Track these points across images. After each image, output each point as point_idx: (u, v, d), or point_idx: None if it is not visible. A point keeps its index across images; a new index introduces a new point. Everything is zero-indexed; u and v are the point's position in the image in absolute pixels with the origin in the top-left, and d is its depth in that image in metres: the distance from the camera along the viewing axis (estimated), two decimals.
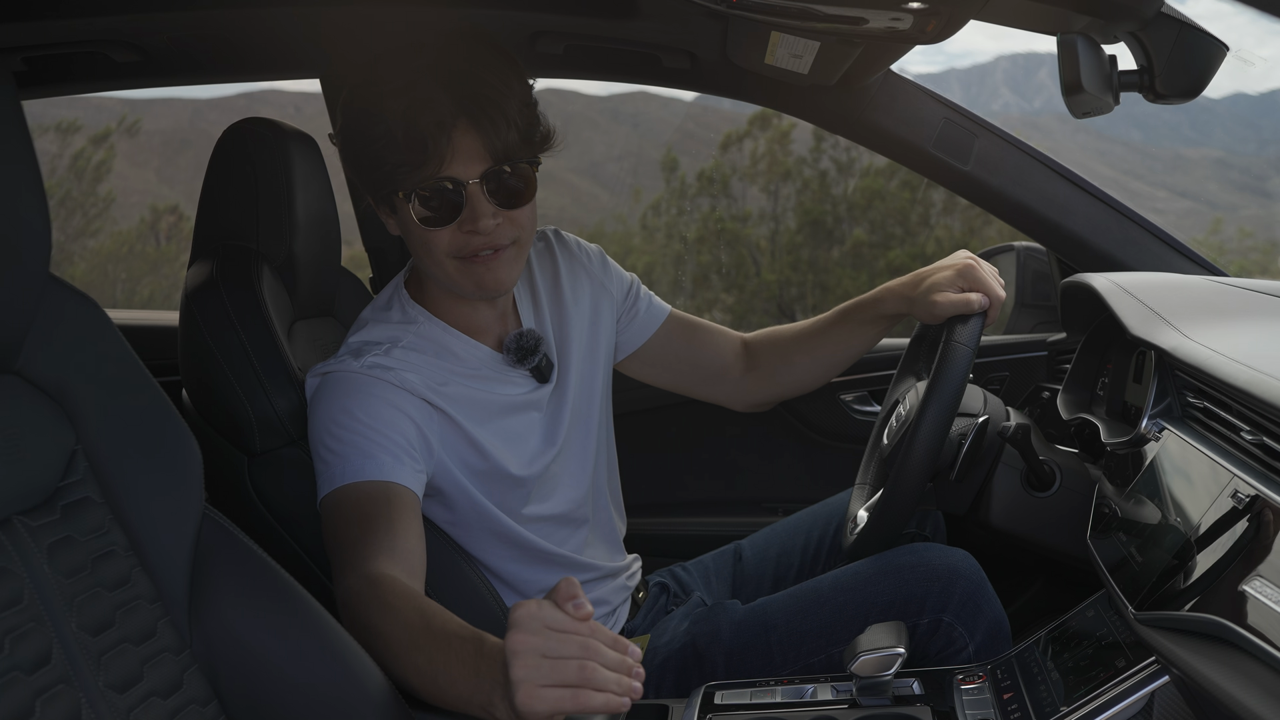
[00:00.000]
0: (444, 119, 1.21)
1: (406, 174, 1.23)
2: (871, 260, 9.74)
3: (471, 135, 1.23)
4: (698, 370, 1.61)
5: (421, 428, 1.27)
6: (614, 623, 1.49)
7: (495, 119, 1.23)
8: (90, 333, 0.94)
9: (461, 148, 1.23)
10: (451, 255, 1.28)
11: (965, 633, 1.34)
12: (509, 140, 1.24)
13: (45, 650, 0.82)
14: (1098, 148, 16.01)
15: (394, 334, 1.34)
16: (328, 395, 1.27)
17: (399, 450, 1.23)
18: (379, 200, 1.30)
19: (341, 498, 1.21)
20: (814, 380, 1.62)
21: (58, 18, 1.61)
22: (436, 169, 1.23)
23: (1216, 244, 11.28)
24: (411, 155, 1.22)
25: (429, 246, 1.27)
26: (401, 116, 1.21)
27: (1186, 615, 0.95)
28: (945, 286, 1.41)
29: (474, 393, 1.33)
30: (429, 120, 1.21)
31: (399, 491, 1.21)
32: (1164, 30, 1.13)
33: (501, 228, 1.27)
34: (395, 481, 1.22)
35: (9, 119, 0.82)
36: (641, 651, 1.42)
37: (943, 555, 1.39)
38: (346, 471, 1.21)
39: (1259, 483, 0.96)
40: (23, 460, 0.85)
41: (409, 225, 1.28)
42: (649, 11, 1.62)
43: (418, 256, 1.33)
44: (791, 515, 1.75)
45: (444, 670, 0.99)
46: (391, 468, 1.22)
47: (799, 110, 1.90)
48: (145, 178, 12.87)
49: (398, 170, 1.23)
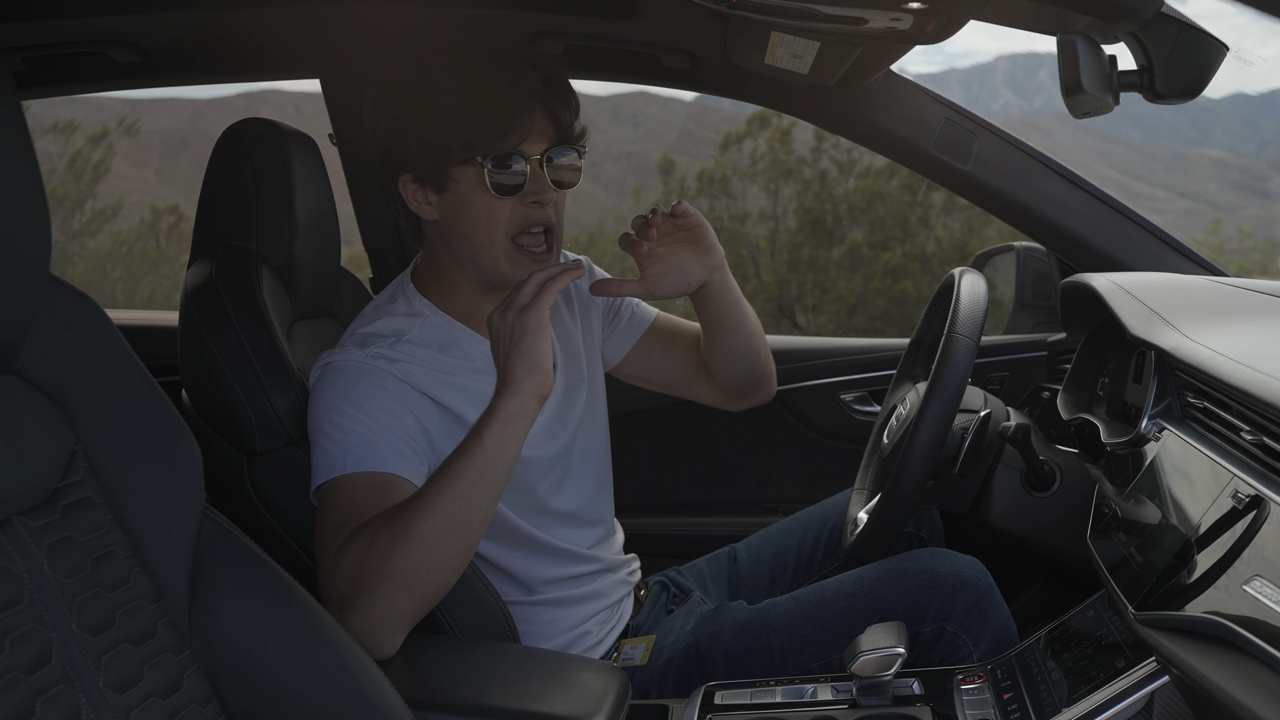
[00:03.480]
0: (535, 93, 1.27)
1: (487, 141, 1.26)
2: (870, 260, 9.73)
3: (545, 114, 1.29)
4: (682, 374, 1.61)
5: (423, 422, 1.27)
6: (618, 617, 1.49)
7: (568, 100, 1.31)
8: (90, 333, 0.94)
9: (537, 125, 1.29)
10: (509, 232, 1.30)
11: (969, 641, 1.34)
12: (571, 123, 1.32)
13: (45, 650, 0.82)
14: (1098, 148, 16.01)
15: (399, 327, 1.34)
16: (331, 383, 1.27)
17: (400, 443, 1.23)
18: (426, 176, 1.30)
19: (337, 486, 1.20)
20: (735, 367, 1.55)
21: (58, 18, 1.61)
22: (517, 141, 1.27)
23: (1216, 244, 11.27)
24: (498, 125, 1.26)
25: (492, 220, 1.29)
26: (489, 88, 1.26)
27: (1186, 615, 0.95)
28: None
29: (478, 385, 1.33)
30: (522, 92, 1.27)
31: (398, 484, 1.21)
32: (1164, 30, 1.13)
33: (556, 207, 1.32)
34: (395, 474, 1.21)
35: (9, 119, 0.82)
36: (648, 650, 1.42)
37: (949, 562, 1.38)
38: (347, 460, 1.21)
39: (1259, 483, 0.96)
40: (23, 460, 0.85)
41: (469, 197, 1.29)
42: (649, 11, 1.62)
43: (469, 234, 1.31)
44: (787, 518, 1.75)
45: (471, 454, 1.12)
46: (392, 460, 1.22)
47: (799, 110, 1.90)
48: (145, 178, 12.86)
49: (478, 138, 1.26)
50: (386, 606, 1.09)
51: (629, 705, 1.16)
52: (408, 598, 1.10)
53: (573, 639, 1.42)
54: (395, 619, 1.11)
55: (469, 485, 1.11)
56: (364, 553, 1.10)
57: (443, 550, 1.10)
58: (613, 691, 1.12)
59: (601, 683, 1.13)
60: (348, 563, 1.11)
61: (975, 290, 1.44)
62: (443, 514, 1.10)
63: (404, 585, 1.09)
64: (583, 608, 1.44)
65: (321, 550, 1.16)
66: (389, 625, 1.11)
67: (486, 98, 1.26)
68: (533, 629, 1.40)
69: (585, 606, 1.44)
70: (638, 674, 1.42)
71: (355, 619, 1.09)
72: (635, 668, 1.42)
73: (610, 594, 1.48)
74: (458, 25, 1.74)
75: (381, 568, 1.09)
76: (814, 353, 2.15)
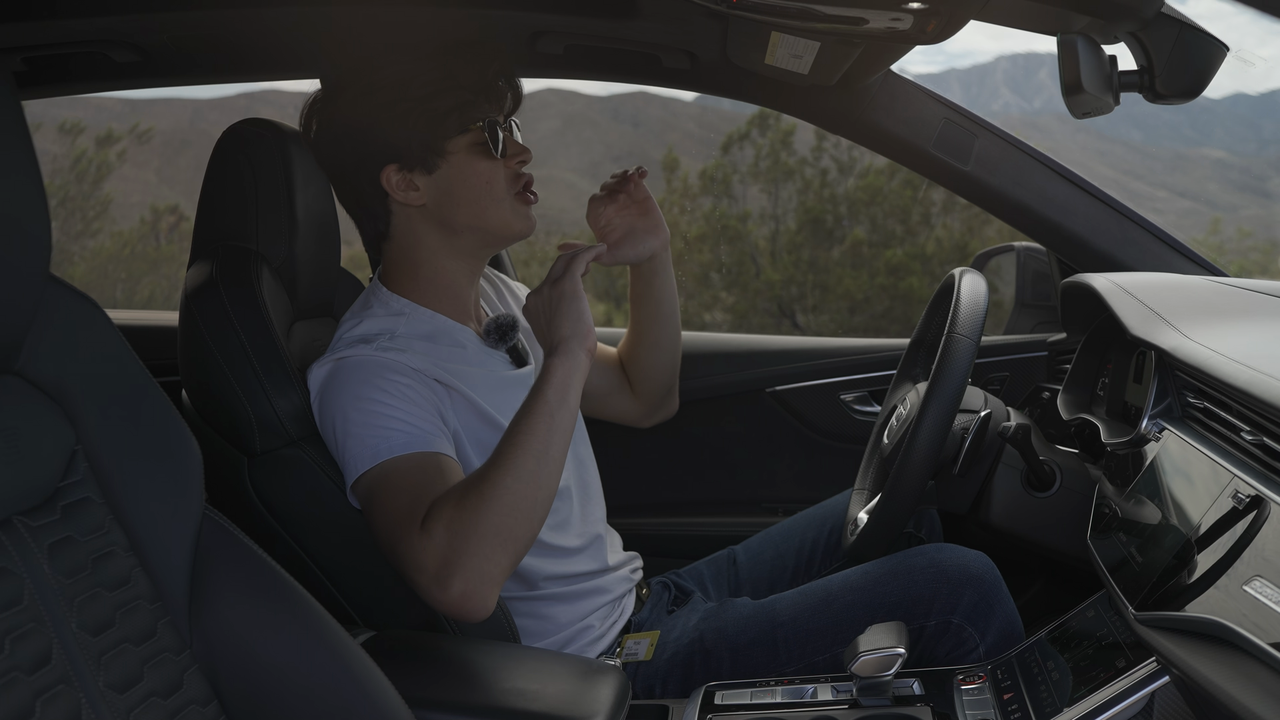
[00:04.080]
0: (507, 66, 1.40)
1: (484, 108, 1.36)
2: (871, 260, 9.73)
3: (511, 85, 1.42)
4: (601, 388, 1.65)
5: (439, 407, 1.30)
6: (620, 612, 1.49)
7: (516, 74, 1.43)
8: (90, 333, 0.94)
9: (509, 94, 1.42)
10: (509, 190, 1.38)
11: (975, 634, 1.34)
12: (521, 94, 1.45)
13: (45, 650, 0.82)
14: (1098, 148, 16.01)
15: (386, 326, 1.36)
16: (347, 377, 1.28)
17: (435, 425, 1.26)
18: (415, 159, 1.35)
19: (391, 471, 1.22)
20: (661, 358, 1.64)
21: (58, 18, 1.61)
22: (500, 109, 1.39)
23: (1216, 244, 11.27)
24: (489, 91, 1.37)
25: (493, 183, 1.37)
26: (470, 63, 1.36)
27: (1186, 615, 0.95)
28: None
29: (472, 370, 1.37)
30: (501, 63, 1.38)
31: (447, 463, 1.24)
32: (1164, 30, 1.13)
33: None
34: (441, 453, 1.24)
35: (9, 119, 0.82)
36: (652, 645, 1.43)
37: (956, 556, 1.39)
38: (392, 445, 1.23)
39: (1259, 483, 0.96)
40: (23, 460, 0.85)
41: (466, 167, 1.35)
42: (649, 11, 1.62)
43: (472, 201, 1.37)
44: (786, 519, 1.75)
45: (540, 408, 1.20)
46: (436, 440, 1.25)
47: (799, 110, 1.90)
48: (145, 178, 12.87)
49: (474, 104, 1.35)
50: (486, 565, 1.13)
51: (629, 705, 1.16)
52: (504, 553, 1.15)
53: (574, 634, 1.42)
54: (495, 575, 1.15)
55: (543, 440, 1.18)
56: (455, 518, 1.14)
57: (529, 503, 1.16)
58: (612, 691, 1.12)
59: (601, 683, 1.13)
60: (440, 530, 1.14)
61: (975, 290, 1.44)
62: (525, 468, 1.16)
63: (500, 541, 1.14)
64: (584, 603, 1.44)
65: (403, 529, 1.17)
66: (491, 582, 1.14)
67: (470, 71, 1.35)
68: (534, 624, 1.40)
69: (586, 602, 1.44)
70: (643, 670, 1.42)
71: (459, 581, 1.12)
72: (639, 663, 1.42)
73: (611, 590, 1.49)
74: (458, 25, 1.74)
75: (477, 527, 1.13)
76: (814, 353, 2.15)
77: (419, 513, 1.17)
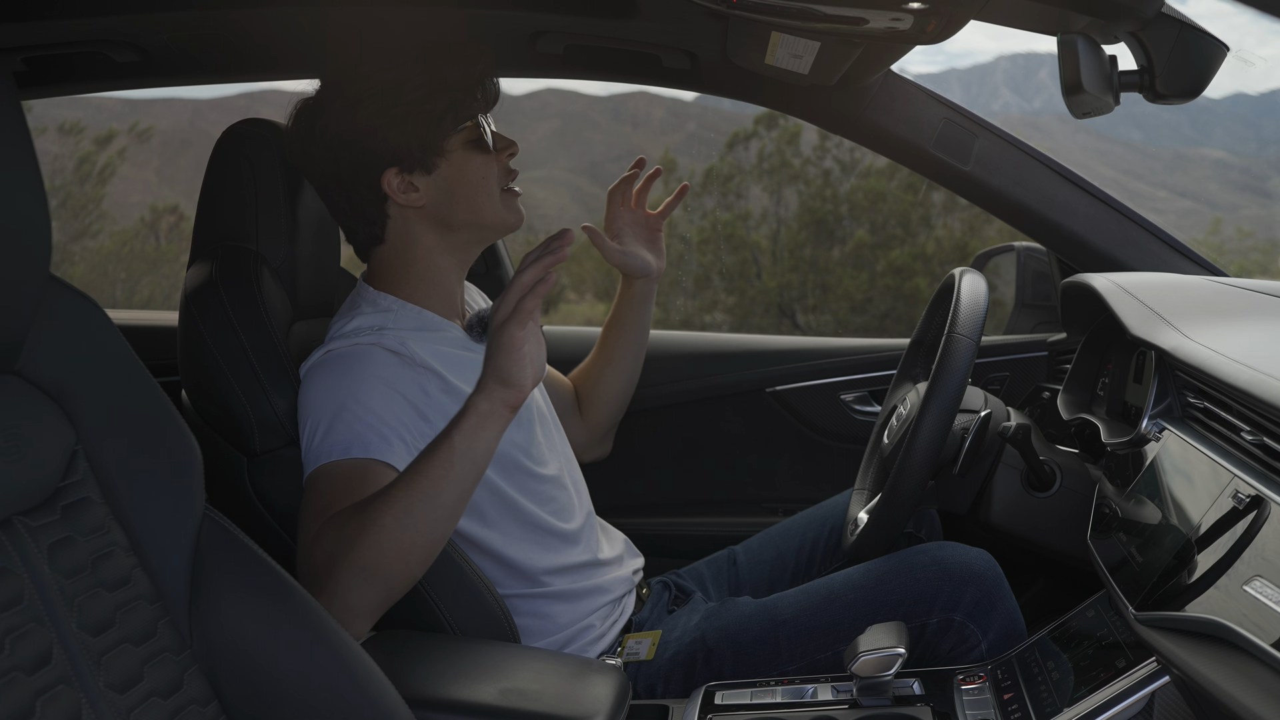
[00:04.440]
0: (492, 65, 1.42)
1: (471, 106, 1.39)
2: (873, 261, 9.73)
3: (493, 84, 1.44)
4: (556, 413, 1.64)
5: (418, 405, 1.30)
6: (620, 612, 1.49)
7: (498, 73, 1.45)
8: (90, 333, 0.94)
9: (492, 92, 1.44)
10: (500, 183, 1.42)
11: (978, 631, 1.34)
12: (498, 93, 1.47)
13: (45, 650, 0.82)
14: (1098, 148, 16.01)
15: (377, 322, 1.37)
16: (322, 373, 1.30)
17: (386, 428, 1.26)
18: (414, 161, 1.37)
19: (321, 474, 1.23)
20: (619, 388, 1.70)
21: (58, 18, 1.61)
22: (486, 106, 1.42)
23: (1216, 244, 11.26)
24: (475, 89, 1.39)
25: (487, 177, 1.40)
26: (457, 63, 1.38)
27: (1187, 615, 0.95)
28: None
29: (460, 362, 1.38)
30: (486, 62, 1.40)
31: (378, 470, 1.23)
32: (1164, 30, 1.13)
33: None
34: (377, 459, 1.24)
35: (9, 119, 0.82)
36: (654, 645, 1.43)
37: (958, 554, 1.39)
38: (332, 448, 1.24)
39: (1259, 483, 0.96)
40: (23, 460, 0.85)
41: (464, 164, 1.39)
42: (649, 11, 1.62)
43: (469, 197, 1.40)
44: (785, 520, 1.75)
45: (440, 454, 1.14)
46: (377, 446, 1.24)
47: (799, 110, 1.90)
48: (145, 178, 12.86)
49: (462, 107, 1.38)
50: (351, 597, 1.12)
51: (629, 705, 1.16)
52: (370, 586, 1.13)
53: (575, 633, 1.42)
54: (361, 608, 1.13)
55: (434, 482, 1.14)
56: (334, 540, 1.13)
57: (405, 544, 1.13)
58: (612, 692, 1.12)
59: (601, 683, 1.13)
60: (320, 552, 1.14)
61: (975, 290, 1.44)
62: (405, 508, 1.13)
63: (368, 576, 1.12)
64: (585, 602, 1.44)
65: (301, 534, 1.20)
66: (356, 614, 1.13)
67: (458, 72, 1.37)
68: (534, 623, 1.40)
69: (587, 601, 1.44)
70: (644, 669, 1.42)
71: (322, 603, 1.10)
72: (640, 663, 1.42)
73: (613, 589, 1.49)
74: (457, 25, 1.74)
75: (346, 556, 1.12)
76: (814, 353, 2.15)
77: (316, 524, 1.17)
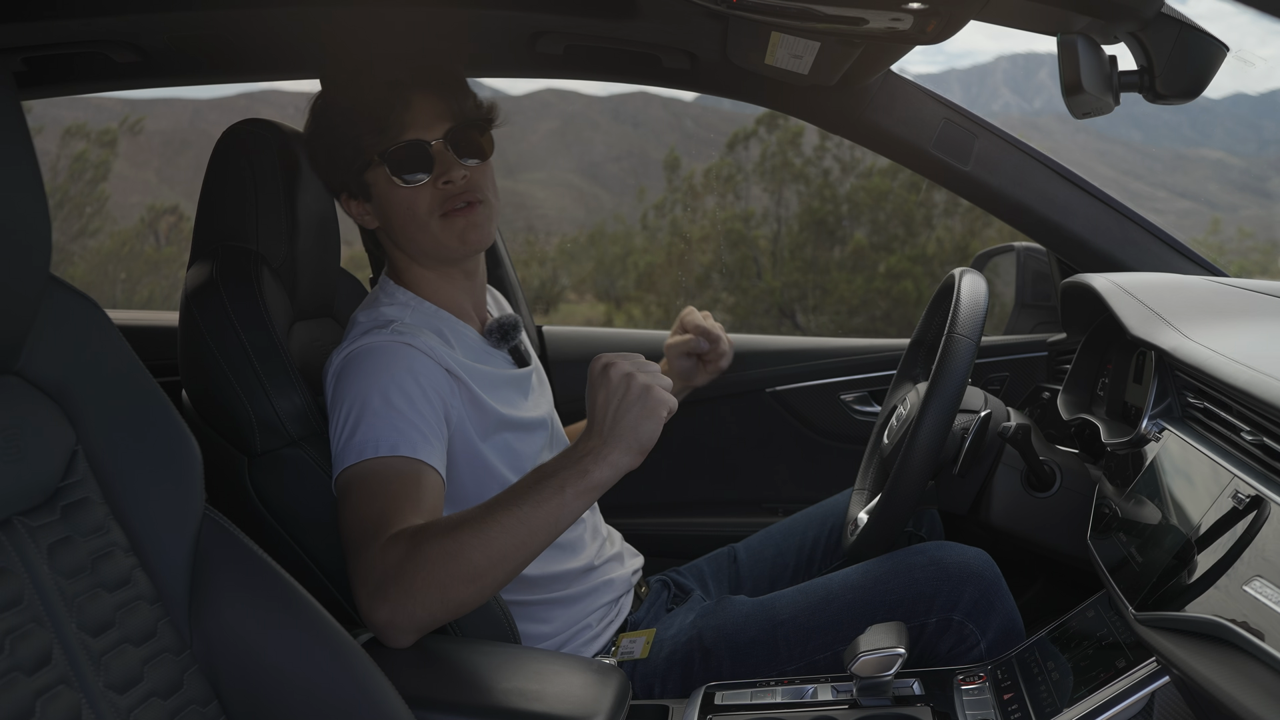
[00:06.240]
0: (398, 82, 1.34)
1: (373, 140, 1.33)
2: (873, 262, 9.72)
3: (432, 99, 1.36)
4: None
5: (446, 400, 1.30)
6: (617, 612, 1.49)
7: (450, 83, 1.38)
8: (90, 333, 0.94)
9: (423, 111, 1.35)
10: (434, 213, 1.36)
11: (976, 630, 1.34)
12: (466, 102, 1.38)
13: (45, 650, 0.82)
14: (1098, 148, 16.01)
15: (395, 315, 1.38)
16: (360, 366, 1.28)
17: (429, 429, 1.25)
18: (353, 189, 1.39)
19: (370, 470, 1.21)
20: None
21: (58, 18, 1.61)
22: (400, 132, 1.33)
23: (1216, 244, 11.27)
24: (376, 121, 1.33)
25: (413, 208, 1.35)
26: (361, 90, 1.34)
27: (1186, 615, 0.95)
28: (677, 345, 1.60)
29: (474, 364, 1.38)
30: (383, 84, 1.33)
31: (429, 477, 1.22)
32: (1164, 30, 1.13)
33: (470, 180, 1.36)
34: (426, 463, 1.23)
35: (9, 119, 0.82)
36: (648, 644, 1.43)
37: (956, 554, 1.39)
38: (380, 444, 1.22)
39: (1259, 483, 0.96)
40: (23, 460, 0.86)
41: (388, 195, 1.36)
42: (649, 11, 1.62)
43: (401, 227, 1.38)
44: (786, 518, 1.75)
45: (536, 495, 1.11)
46: (424, 448, 1.23)
47: (799, 110, 1.90)
48: (145, 178, 12.86)
49: (363, 139, 1.33)
50: (419, 611, 1.11)
51: (629, 705, 1.16)
52: (441, 610, 1.11)
53: (571, 634, 1.43)
54: (423, 622, 1.13)
55: (533, 532, 1.11)
56: (410, 556, 1.10)
57: (489, 580, 1.11)
58: (612, 692, 1.12)
59: (601, 683, 1.13)
60: (394, 560, 1.11)
61: (975, 290, 1.44)
62: (500, 551, 1.10)
63: (442, 600, 1.10)
64: (582, 604, 1.44)
65: (365, 540, 1.15)
66: (416, 627, 1.13)
67: (366, 100, 1.34)
68: (531, 626, 1.40)
69: (585, 603, 1.45)
70: (641, 669, 1.42)
71: (385, 611, 1.11)
72: (637, 662, 1.42)
73: (610, 590, 1.49)
74: (458, 25, 1.74)
75: (426, 579, 1.09)
76: (814, 353, 2.15)
77: (385, 529, 1.15)
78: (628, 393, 1.12)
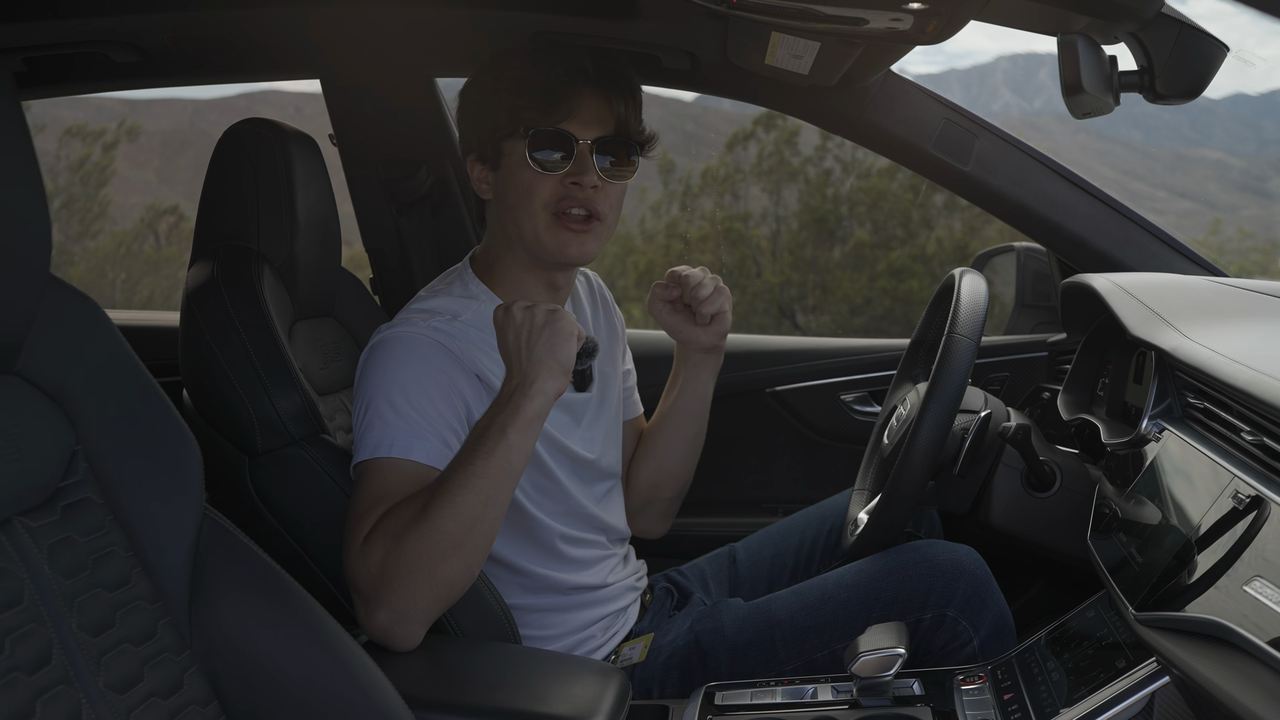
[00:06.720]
0: (581, 72, 1.33)
1: (531, 114, 1.32)
2: (873, 261, 9.72)
3: (599, 100, 1.34)
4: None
5: (469, 402, 1.28)
6: (623, 623, 1.49)
7: (623, 89, 1.37)
8: (90, 333, 0.94)
9: (589, 108, 1.34)
10: (548, 207, 1.33)
11: (970, 627, 1.35)
12: (629, 115, 1.36)
13: (45, 651, 0.82)
14: (1098, 148, 16.01)
15: (455, 308, 1.36)
16: (387, 356, 1.27)
17: (446, 432, 1.24)
18: (486, 153, 1.37)
19: (377, 468, 1.21)
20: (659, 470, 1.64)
21: (58, 18, 1.61)
22: (559, 118, 1.32)
23: (1216, 244, 11.27)
24: (543, 97, 1.32)
25: (531, 192, 1.33)
26: (540, 66, 1.34)
27: (1186, 616, 0.95)
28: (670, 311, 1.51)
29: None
30: (571, 71, 1.33)
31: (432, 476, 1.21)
32: (1164, 30, 1.13)
33: (600, 193, 1.34)
34: (429, 466, 1.22)
35: (9, 119, 0.82)
36: (645, 648, 1.43)
37: (947, 551, 1.40)
38: (393, 444, 1.22)
39: (1259, 483, 0.96)
40: (23, 461, 0.85)
41: (515, 171, 1.34)
42: (649, 12, 1.61)
43: (512, 207, 1.35)
44: (786, 518, 1.75)
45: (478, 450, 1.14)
46: (436, 453, 1.23)
47: (799, 111, 1.90)
48: (145, 178, 12.86)
49: (524, 110, 1.32)
50: (415, 603, 1.12)
51: (629, 705, 1.16)
52: (434, 593, 1.13)
53: (575, 643, 1.42)
54: (423, 614, 1.14)
55: (493, 483, 1.14)
56: (391, 549, 1.12)
57: (468, 547, 1.13)
58: (613, 692, 1.12)
59: (601, 683, 1.13)
60: (376, 557, 1.13)
61: (976, 291, 1.44)
62: (469, 511, 1.12)
63: (430, 582, 1.12)
64: (588, 612, 1.44)
65: (351, 535, 1.17)
66: (417, 620, 1.14)
67: (540, 77, 1.33)
68: (535, 633, 1.40)
69: (591, 611, 1.44)
70: (639, 672, 1.42)
71: (384, 612, 1.12)
72: (634, 665, 1.42)
73: (617, 600, 1.49)
74: (458, 25, 1.74)
75: (410, 565, 1.11)
76: (814, 353, 2.15)
77: (365, 522, 1.16)
78: (533, 322, 1.18)
